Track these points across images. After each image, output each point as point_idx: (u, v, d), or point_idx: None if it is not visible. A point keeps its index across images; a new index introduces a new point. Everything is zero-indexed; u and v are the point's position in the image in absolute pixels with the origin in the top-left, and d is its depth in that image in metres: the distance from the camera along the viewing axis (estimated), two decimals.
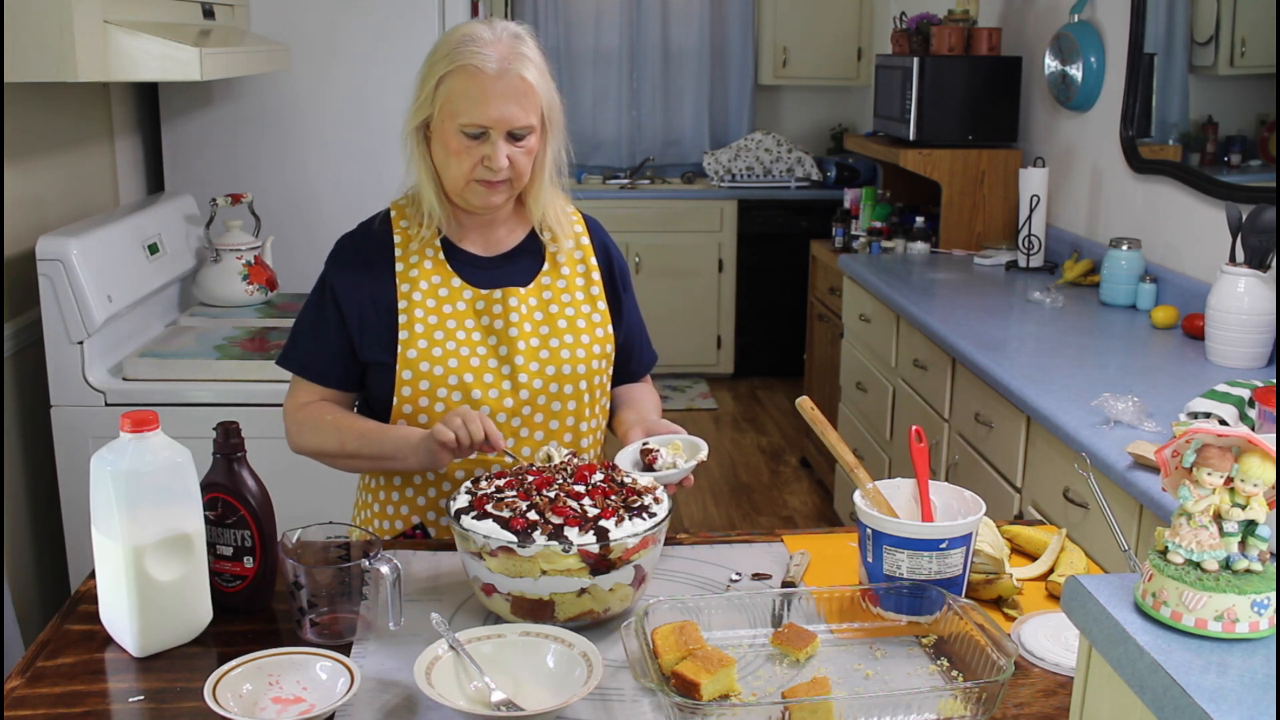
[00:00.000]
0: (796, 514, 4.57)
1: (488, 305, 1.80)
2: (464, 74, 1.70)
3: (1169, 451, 1.08)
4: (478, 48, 1.70)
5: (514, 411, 1.80)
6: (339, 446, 1.78)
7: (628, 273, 1.96)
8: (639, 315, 1.99)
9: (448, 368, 1.77)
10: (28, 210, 2.63)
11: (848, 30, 6.18)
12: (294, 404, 1.83)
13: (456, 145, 1.72)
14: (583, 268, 1.88)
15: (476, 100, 1.69)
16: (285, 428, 1.84)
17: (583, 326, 1.84)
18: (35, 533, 2.62)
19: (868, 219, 4.50)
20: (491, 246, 1.86)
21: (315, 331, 1.82)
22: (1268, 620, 1.01)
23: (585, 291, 1.87)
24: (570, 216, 1.91)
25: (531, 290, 1.83)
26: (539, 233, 1.87)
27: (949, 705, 1.29)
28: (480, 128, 1.70)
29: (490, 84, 1.69)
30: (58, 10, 2.13)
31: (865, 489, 1.58)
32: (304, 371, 1.83)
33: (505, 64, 1.70)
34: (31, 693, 1.36)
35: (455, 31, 1.75)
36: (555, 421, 1.82)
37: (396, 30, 3.19)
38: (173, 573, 1.45)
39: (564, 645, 1.39)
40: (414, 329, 1.78)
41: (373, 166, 3.26)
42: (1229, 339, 2.66)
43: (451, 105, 1.71)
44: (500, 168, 1.72)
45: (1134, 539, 2.06)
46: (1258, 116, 2.98)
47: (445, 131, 1.73)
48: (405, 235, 1.83)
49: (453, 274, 1.82)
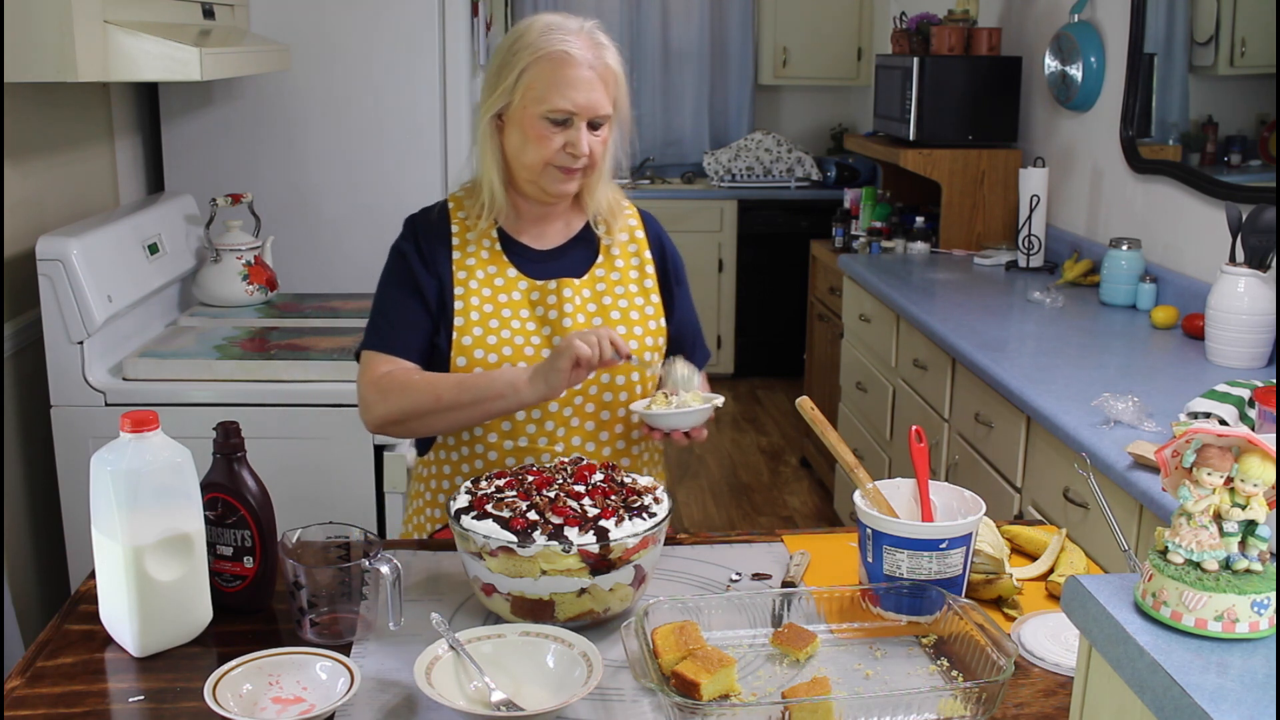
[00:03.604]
0: (796, 514, 4.57)
1: (542, 296, 1.82)
2: (550, 61, 1.73)
3: (1169, 451, 1.08)
4: (564, 35, 1.74)
5: (565, 401, 1.81)
6: (434, 401, 1.74)
7: (682, 268, 1.97)
8: (694, 311, 2.00)
9: (502, 356, 1.78)
10: (28, 210, 2.63)
11: (848, 30, 6.18)
12: (371, 375, 1.80)
13: (538, 132, 1.75)
14: (636, 260, 1.90)
15: (564, 86, 1.72)
16: (361, 400, 1.81)
17: (635, 318, 1.86)
18: (35, 533, 2.62)
19: (868, 219, 4.50)
20: (547, 238, 1.88)
21: (393, 309, 1.82)
22: (1268, 620, 1.01)
23: (639, 284, 1.89)
24: (625, 209, 1.93)
25: (585, 281, 1.85)
26: (594, 225, 1.90)
27: (949, 705, 1.29)
28: (566, 113, 1.74)
29: (578, 71, 1.73)
30: (58, 10, 2.13)
31: (865, 489, 1.58)
32: (386, 348, 1.81)
33: (591, 52, 1.75)
34: (31, 693, 1.36)
35: (535, 23, 1.78)
36: (606, 412, 1.83)
37: (396, 30, 3.19)
38: (173, 573, 1.45)
39: (564, 645, 1.39)
40: (469, 316, 1.80)
41: (373, 166, 3.26)
42: (1229, 339, 2.66)
43: (536, 92, 1.73)
44: (584, 154, 1.76)
45: (1134, 539, 2.05)
46: (1258, 116, 2.98)
47: (526, 118, 1.75)
48: (462, 225, 1.86)
49: (508, 264, 1.84)
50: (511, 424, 1.81)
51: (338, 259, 3.30)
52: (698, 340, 2.00)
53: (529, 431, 1.81)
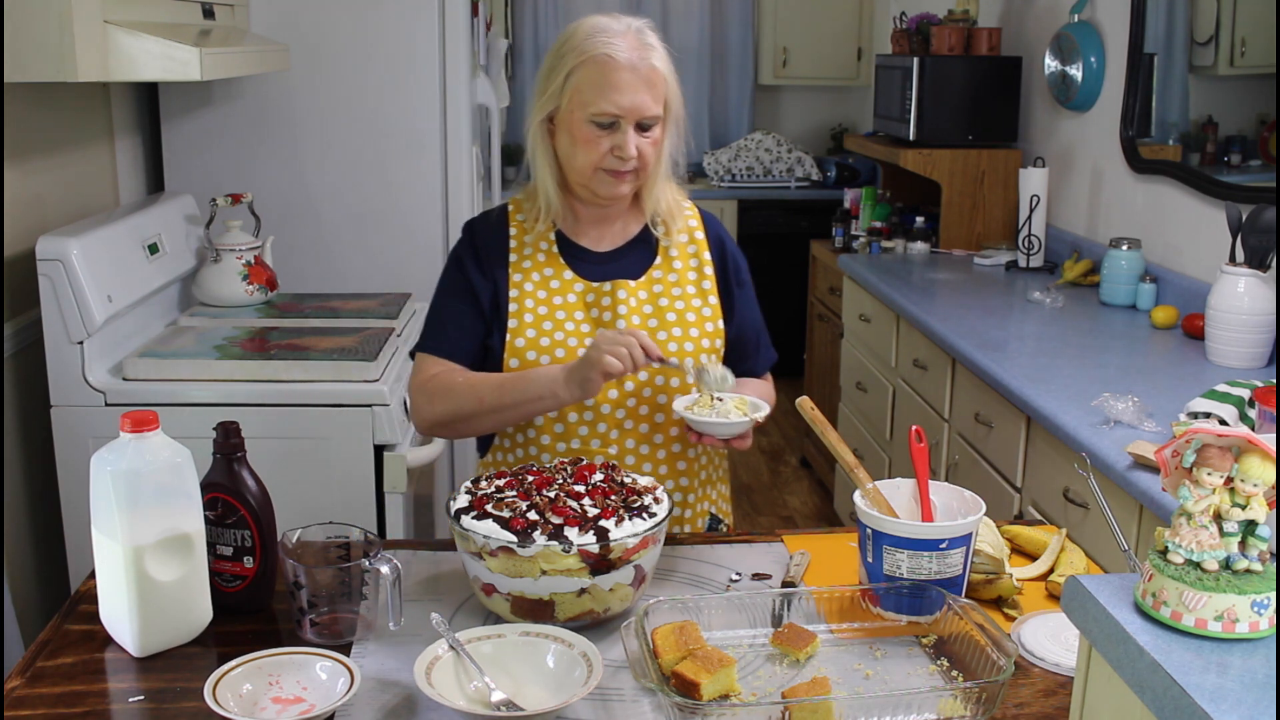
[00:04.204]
0: (796, 514, 4.57)
1: (597, 298, 1.83)
2: (595, 64, 1.73)
3: (1169, 451, 1.08)
4: (608, 38, 1.74)
5: (618, 403, 1.81)
6: (477, 404, 1.77)
7: (744, 269, 1.96)
8: (758, 313, 1.98)
9: (554, 358, 1.79)
10: (28, 210, 2.62)
11: (848, 30, 6.18)
12: (422, 378, 1.83)
13: (585, 135, 1.75)
14: (695, 261, 1.89)
15: (608, 89, 1.72)
16: (412, 403, 1.85)
17: (692, 320, 1.85)
18: (35, 533, 2.62)
19: (868, 219, 4.50)
20: (605, 240, 1.88)
21: (447, 313, 1.85)
22: (1268, 620, 1.01)
23: (696, 285, 1.88)
24: (685, 209, 1.93)
25: (642, 283, 1.85)
26: (652, 226, 1.89)
27: (949, 705, 1.29)
28: (611, 116, 1.73)
29: (622, 73, 1.72)
30: (58, 10, 2.13)
31: (865, 489, 1.58)
32: (437, 351, 1.84)
33: (636, 54, 1.74)
34: (31, 693, 1.36)
35: (582, 25, 1.78)
36: (660, 415, 1.83)
37: (396, 30, 3.19)
38: (173, 573, 1.45)
39: (564, 645, 1.39)
40: (523, 319, 1.81)
41: (372, 166, 3.26)
42: (1229, 339, 2.66)
43: (582, 95, 1.74)
44: (631, 157, 1.75)
45: (1134, 539, 2.05)
46: (1258, 116, 2.98)
47: (574, 121, 1.76)
48: (520, 228, 1.87)
49: (565, 266, 1.85)
50: (564, 426, 1.81)
51: (338, 259, 3.30)
52: (761, 341, 1.97)
53: (581, 434, 1.81)
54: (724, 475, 1.99)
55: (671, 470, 1.86)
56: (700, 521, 1.91)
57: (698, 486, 1.90)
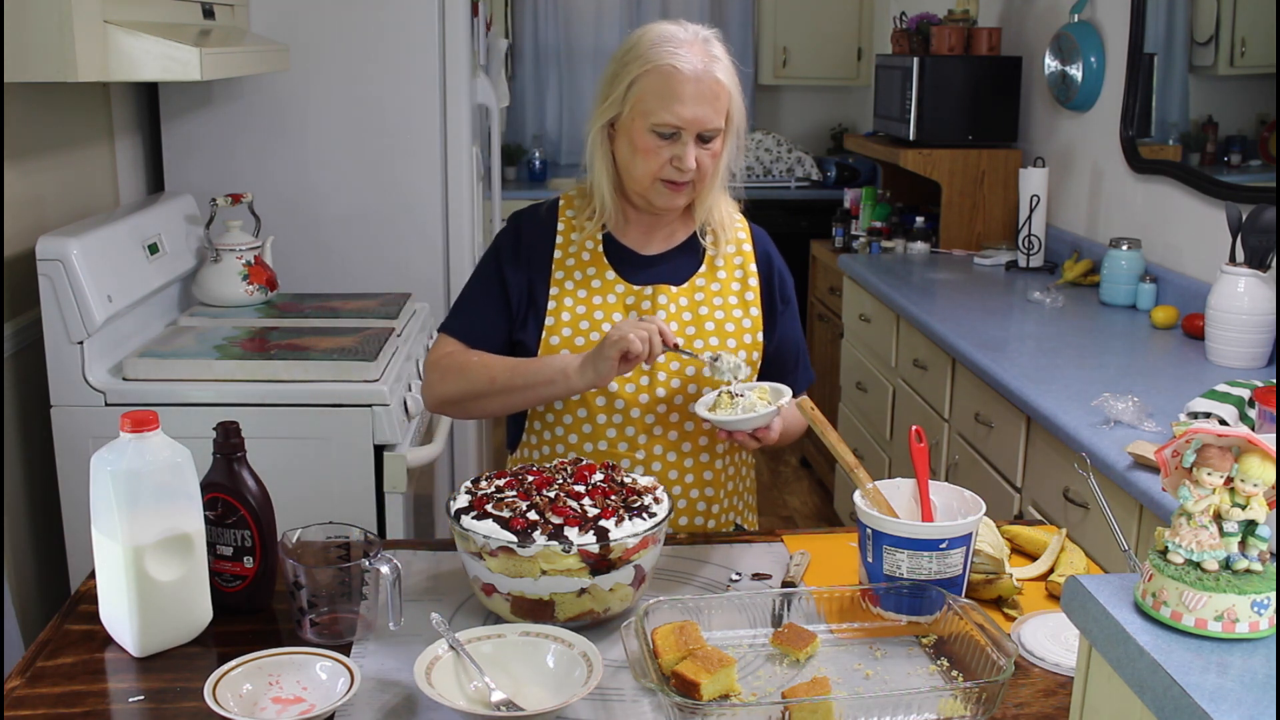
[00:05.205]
0: (796, 514, 4.57)
1: (637, 301, 1.82)
2: (660, 74, 1.71)
3: (1169, 451, 1.08)
4: (674, 48, 1.71)
5: (648, 408, 1.80)
6: (488, 383, 1.77)
7: (790, 286, 1.94)
8: (800, 332, 1.96)
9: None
10: (28, 210, 2.62)
11: (848, 30, 6.17)
12: (437, 354, 1.84)
13: (646, 144, 1.73)
14: (740, 273, 1.88)
15: (672, 100, 1.70)
16: (425, 379, 1.85)
17: (731, 330, 1.83)
18: (35, 533, 2.62)
19: (868, 219, 4.50)
20: (652, 244, 1.87)
21: (477, 300, 1.86)
22: (1268, 620, 1.01)
23: (739, 296, 1.86)
24: (736, 221, 1.91)
25: (684, 290, 1.84)
26: (700, 236, 1.88)
27: (949, 705, 1.29)
28: (673, 128, 1.72)
29: (686, 85, 1.70)
30: (58, 10, 2.13)
31: (865, 489, 1.58)
32: (460, 336, 1.84)
33: (701, 65, 1.71)
34: (31, 693, 1.36)
35: (648, 32, 1.76)
36: (690, 423, 1.82)
37: (396, 30, 3.19)
38: (173, 573, 1.45)
39: (564, 645, 1.39)
40: (560, 317, 1.80)
41: (373, 166, 3.26)
42: (1229, 339, 2.66)
43: (645, 105, 1.72)
44: (689, 169, 1.73)
45: (1134, 539, 2.05)
46: (1258, 116, 2.98)
47: (635, 130, 1.74)
48: (569, 224, 1.86)
49: (608, 267, 1.84)
50: (593, 427, 1.81)
51: (338, 259, 3.30)
52: (800, 360, 1.96)
53: (609, 436, 1.81)
54: (751, 485, 1.99)
55: (698, 479, 1.85)
56: (726, 531, 1.91)
57: (724, 497, 1.89)
